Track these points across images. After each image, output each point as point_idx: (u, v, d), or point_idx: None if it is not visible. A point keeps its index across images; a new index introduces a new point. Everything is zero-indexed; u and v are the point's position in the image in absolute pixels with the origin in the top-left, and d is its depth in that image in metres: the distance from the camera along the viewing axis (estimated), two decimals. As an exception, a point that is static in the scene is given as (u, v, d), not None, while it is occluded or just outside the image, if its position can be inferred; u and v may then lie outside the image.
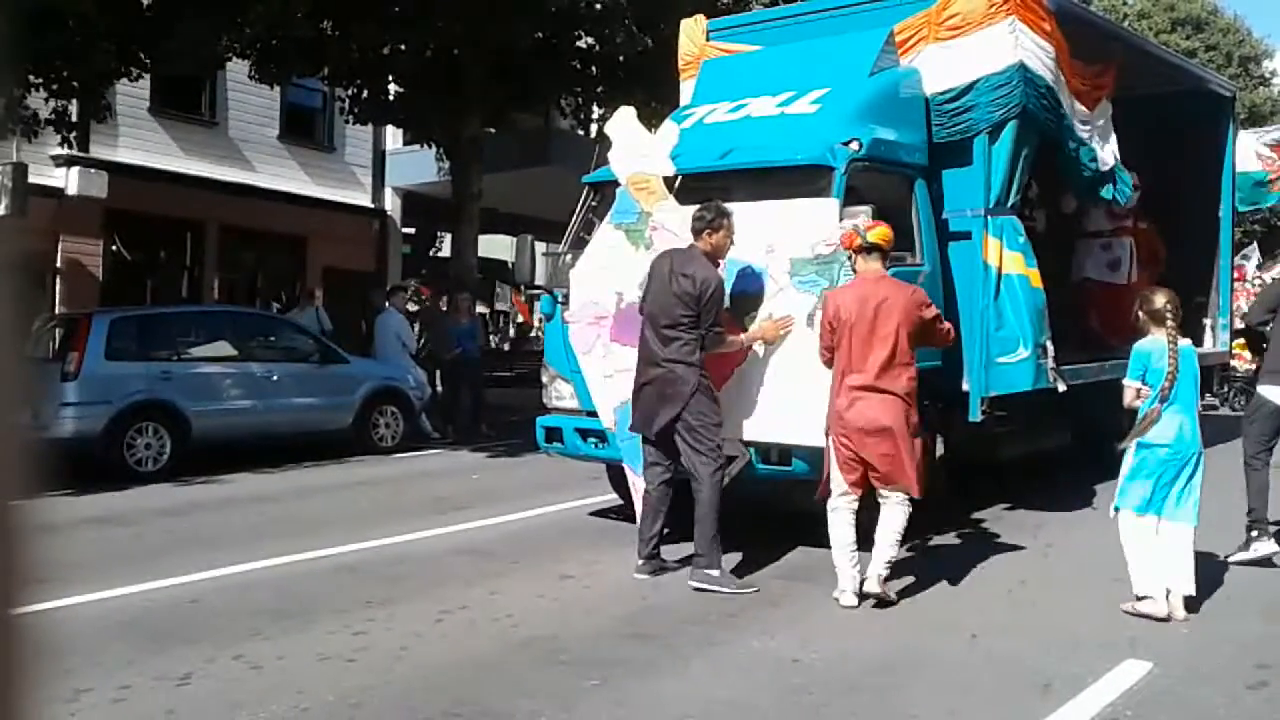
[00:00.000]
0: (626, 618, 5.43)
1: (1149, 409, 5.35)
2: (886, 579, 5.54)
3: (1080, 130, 8.20)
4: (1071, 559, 6.70)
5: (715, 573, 5.86)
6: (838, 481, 5.66)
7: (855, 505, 5.66)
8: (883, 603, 5.47)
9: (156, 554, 6.98)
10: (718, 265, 6.13)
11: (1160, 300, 5.51)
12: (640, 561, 6.16)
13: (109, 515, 8.38)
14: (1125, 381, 5.56)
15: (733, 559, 6.37)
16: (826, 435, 5.70)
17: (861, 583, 5.54)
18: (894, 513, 5.58)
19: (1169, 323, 5.43)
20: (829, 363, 5.75)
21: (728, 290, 6.29)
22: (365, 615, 5.41)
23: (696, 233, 6.13)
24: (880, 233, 5.76)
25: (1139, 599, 5.32)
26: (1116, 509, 5.45)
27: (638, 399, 6.16)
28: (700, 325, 5.95)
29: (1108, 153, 8.65)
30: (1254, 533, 6.52)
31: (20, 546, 0.74)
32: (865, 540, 5.62)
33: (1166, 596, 5.27)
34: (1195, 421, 5.46)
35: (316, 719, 4.05)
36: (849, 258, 5.88)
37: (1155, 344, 5.44)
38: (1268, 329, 6.76)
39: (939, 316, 5.98)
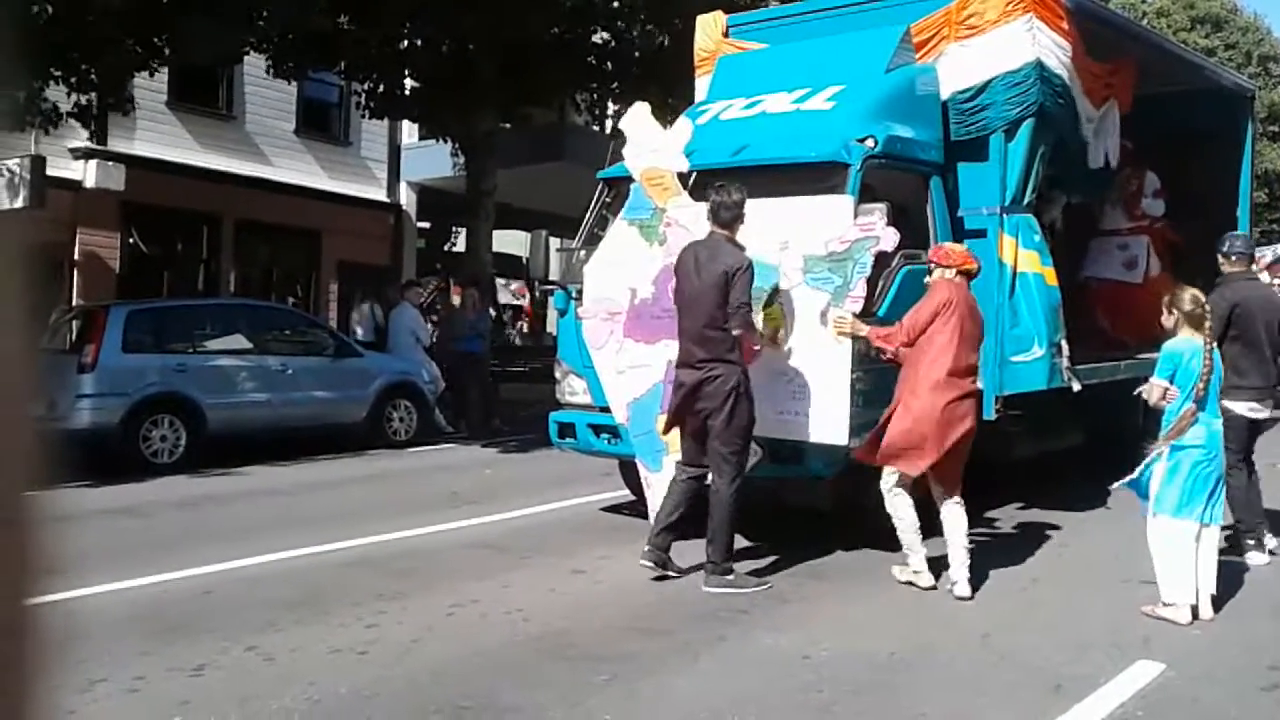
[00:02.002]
0: (637, 613, 5.44)
1: (1184, 409, 5.31)
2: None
3: (1085, 128, 8.16)
4: (1084, 559, 6.68)
5: (730, 577, 5.83)
6: (894, 465, 5.77)
7: None
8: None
9: (171, 545, 7.02)
10: (742, 249, 5.91)
11: (1190, 301, 5.47)
12: (647, 548, 6.01)
13: (124, 506, 8.43)
14: (1153, 380, 5.49)
15: (743, 555, 6.38)
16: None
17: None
18: (963, 513, 5.82)
19: (1205, 324, 5.40)
20: (909, 343, 5.80)
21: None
22: (377, 608, 5.44)
23: (729, 222, 5.89)
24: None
25: (1165, 605, 5.27)
26: (1154, 514, 5.35)
27: (674, 400, 6.02)
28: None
29: (1102, 153, 8.61)
30: (1250, 541, 6.53)
31: (35, 537, 0.74)
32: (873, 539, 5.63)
33: (1196, 601, 5.24)
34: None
35: (328, 710, 4.08)
36: (955, 274, 5.93)
37: (1187, 344, 5.40)
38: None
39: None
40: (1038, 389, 7.26)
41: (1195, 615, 5.23)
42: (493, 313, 17.58)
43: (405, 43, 14.96)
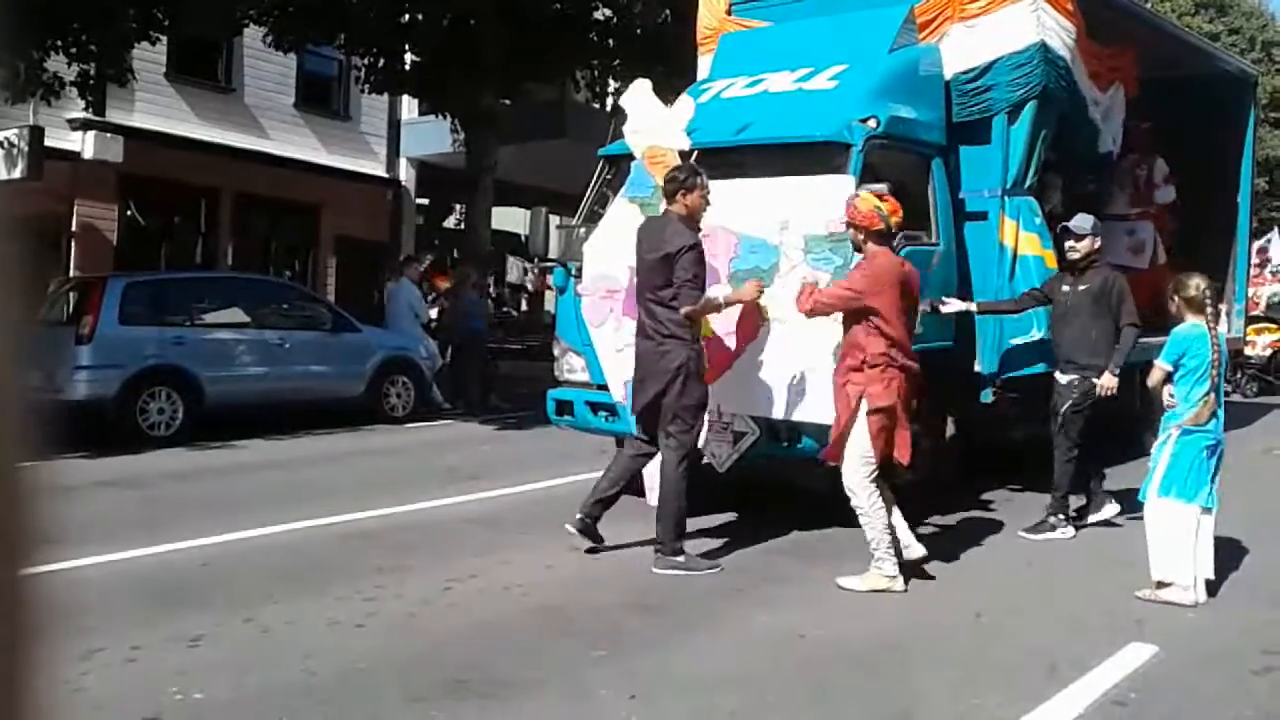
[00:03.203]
0: (634, 590, 5.46)
1: (1205, 396, 5.28)
2: None
3: (1092, 112, 8.13)
4: (1079, 542, 6.69)
5: (680, 559, 5.78)
6: (871, 454, 5.50)
7: None
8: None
9: (169, 517, 7.03)
10: (697, 229, 5.87)
11: (1196, 286, 5.44)
12: (578, 515, 6.06)
13: (122, 478, 8.44)
14: (1158, 362, 5.45)
15: (738, 534, 6.40)
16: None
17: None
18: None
19: (1206, 309, 5.38)
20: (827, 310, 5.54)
21: (740, 267, 6.27)
22: (375, 582, 5.45)
23: (670, 195, 5.91)
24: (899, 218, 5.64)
25: (1160, 586, 5.28)
26: (1158, 496, 5.33)
27: (634, 375, 6.04)
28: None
29: (1109, 138, 8.59)
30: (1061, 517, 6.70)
31: (30, 508, 0.74)
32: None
33: (1194, 584, 5.26)
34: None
35: (324, 683, 4.09)
36: (863, 239, 5.60)
37: (1195, 329, 5.38)
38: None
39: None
40: (1037, 372, 7.27)
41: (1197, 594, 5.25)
42: (492, 291, 17.48)
43: (406, 17, 14.87)
